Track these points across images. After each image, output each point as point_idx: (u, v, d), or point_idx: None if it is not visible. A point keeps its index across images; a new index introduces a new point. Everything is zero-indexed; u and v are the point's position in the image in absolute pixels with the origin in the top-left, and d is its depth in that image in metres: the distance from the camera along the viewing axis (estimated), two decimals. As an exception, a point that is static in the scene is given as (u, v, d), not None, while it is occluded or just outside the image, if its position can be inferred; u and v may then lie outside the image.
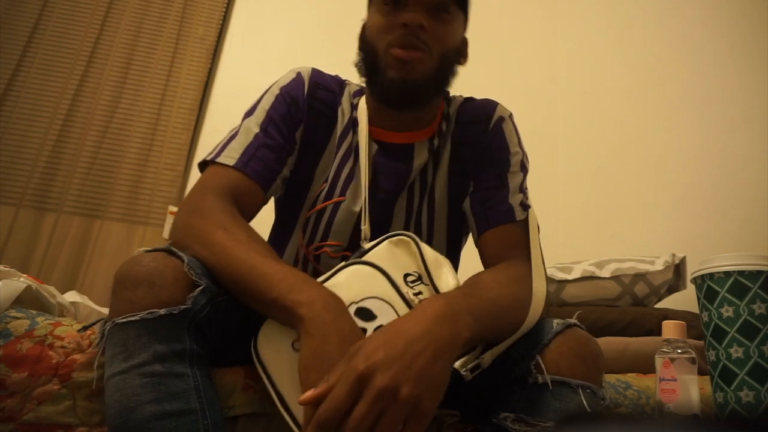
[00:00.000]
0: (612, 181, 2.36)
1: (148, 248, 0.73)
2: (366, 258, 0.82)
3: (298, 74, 1.00)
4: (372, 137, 0.98)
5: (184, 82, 2.51)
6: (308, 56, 2.65)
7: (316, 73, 1.01)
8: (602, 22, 2.65)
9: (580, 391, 0.72)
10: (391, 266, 0.81)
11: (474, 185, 0.98)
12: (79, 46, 2.46)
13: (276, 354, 0.72)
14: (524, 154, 1.01)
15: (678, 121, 2.10)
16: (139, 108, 2.44)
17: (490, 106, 1.03)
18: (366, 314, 0.74)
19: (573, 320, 0.79)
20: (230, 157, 0.89)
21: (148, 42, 2.54)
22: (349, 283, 0.77)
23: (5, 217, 2.18)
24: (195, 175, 2.43)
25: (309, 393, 0.61)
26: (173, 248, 0.73)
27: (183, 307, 0.68)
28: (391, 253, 0.84)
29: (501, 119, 1.00)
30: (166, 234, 2.29)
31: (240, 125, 0.94)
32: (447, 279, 0.84)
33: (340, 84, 1.04)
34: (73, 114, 2.37)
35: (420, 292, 0.80)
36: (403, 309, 0.76)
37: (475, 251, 0.99)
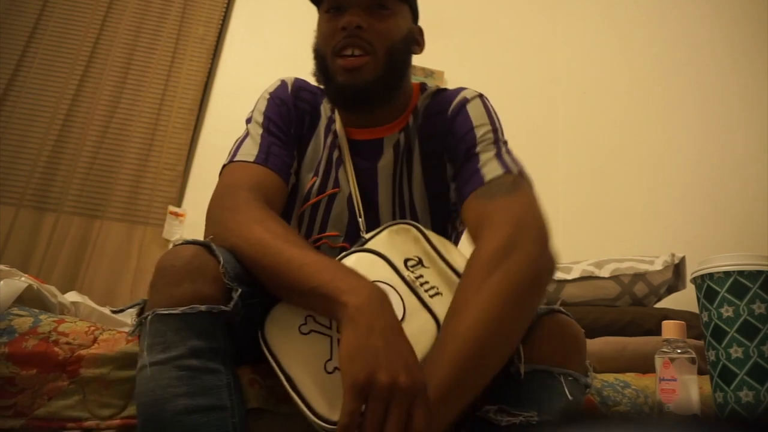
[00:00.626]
0: (612, 181, 2.36)
1: (188, 239, 0.75)
2: (369, 245, 0.85)
3: (282, 81, 1.05)
4: (346, 135, 1.01)
5: (184, 82, 2.51)
6: (308, 56, 2.65)
7: (298, 80, 1.06)
8: (602, 23, 2.66)
9: (562, 379, 0.72)
10: (392, 252, 0.83)
11: (453, 172, 0.95)
12: (79, 46, 2.46)
13: (284, 337, 0.73)
14: (496, 127, 0.94)
15: (678, 121, 2.10)
16: (139, 108, 2.44)
17: (455, 93, 1.01)
18: None
19: (556, 306, 0.79)
20: (249, 155, 0.92)
21: (148, 42, 2.54)
22: (355, 269, 0.78)
23: (5, 217, 2.18)
24: (195, 175, 2.44)
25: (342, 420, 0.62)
26: (212, 244, 0.74)
27: (223, 308, 0.70)
28: (391, 240, 0.86)
29: (464, 100, 0.97)
30: (165, 234, 2.30)
31: (245, 131, 0.98)
32: (458, 258, 0.84)
33: (321, 89, 1.07)
34: (73, 114, 2.37)
35: (421, 275, 0.82)
36: (405, 291, 0.78)
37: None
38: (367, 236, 0.89)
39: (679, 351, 0.93)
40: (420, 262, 0.84)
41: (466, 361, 0.66)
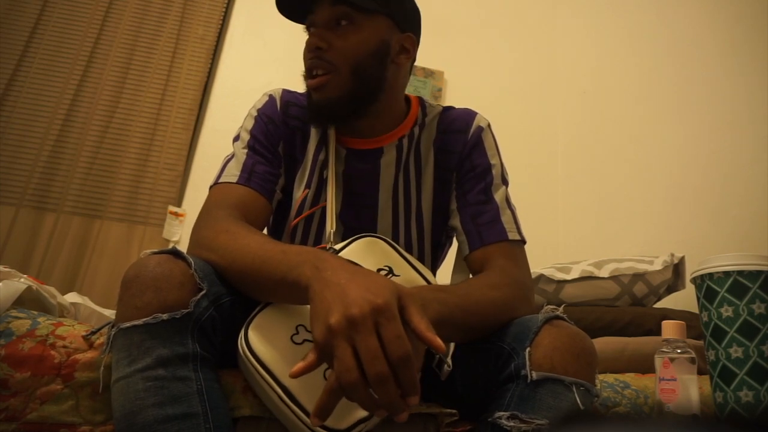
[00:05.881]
0: (612, 181, 2.36)
1: (155, 250, 0.74)
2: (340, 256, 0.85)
3: (271, 96, 1.05)
4: (344, 145, 1.02)
5: (184, 82, 2.51)
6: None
7: (286, 93, 1.06)
8: (602, 23, 2.66)
9: (574, 389, 0.72)
10: (365, 263, 0.82)
11: (460, 199, 1.01)
12: (79, 46, 2.46)
13: (274, 348, 0.72)
14: (502, 165, 1.04)
15: (678, 121, 2.10)
16: (139, 108, 2.44)
17: (469, 114, 1.06)
18: None
19: (558, 312, 0.79)
20: (232, 176, 0.94)
21: (148, 42, 2.54)
22: None
23: (5, 217, 2.18)
24: (195, 175, 2.44)
25: (299, 365, 0.62)
26: (179, 250, 0.74)
27: (185, 311, 0.69)
28: (361, 252, 0.88)
29: (480, 128, 1.03)
30: (165, 234, 2.30)
31: (232, 151, 1.00)
32: (425, 268, 0.90)
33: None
34: (73, 114, 2.37)
35: None
36: None
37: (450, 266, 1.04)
38: (336, 248, 0.89)
39: (678, 351, 0.93)
40: (390, 271, 0.86)
41: (457, 305, 0.76)
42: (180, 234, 2.30)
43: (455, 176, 1.02)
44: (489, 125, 1.05)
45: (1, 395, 0.76)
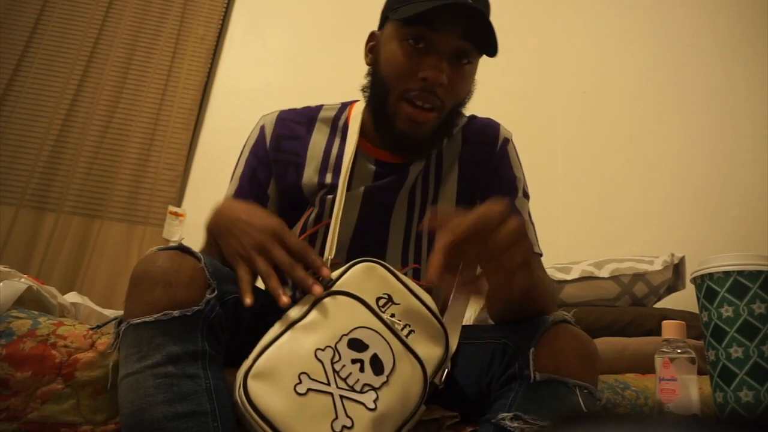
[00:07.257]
0: (612, 181, 2.36)
1: (162, 246, 0.75)
2: (337, 287, 0.79)
3: (262, 129, 1.03)
4: (370, 154, 1.00)
5: (184, 82, 2.51)
6: (308, 56, 2.65)
7: (279, 124, 1.03)
8: (602, 23, 2.66)
9: (578, 391, 0.72)
10: (364, 293, 0.79)
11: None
12: (79, 46, 2.46)
13: (277, 399, 0.67)
14: (525, 179, 1.04)
15: (678, 121, 2.10)
16: (139, 108, 2.44)
17: (493, 126, 1.05)
18: (358, 345, 0.73)
19: (567, 315, 0.79)
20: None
21: (148, 42, 2.54)
22: (334, 315, 0.75)
23: (5, 217, 2.18)
24: (195, 175, 2.44)
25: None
26: (187, 246, 0.75)
27: (196, 308, 0.69)
28: (359, 279, 0.82)
29: (506, 141, 1.04)
30: (165, 234, 2.30)
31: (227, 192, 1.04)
32: (425, 294, 0.85)
33: (309, 120, 1.04)
34: (73, 114, 2.37)
35: (393, 314, 0.79)
36: (387, 334, 0.74)
37: None
38: (333, 276, 0.82)
39: (679, 351, 0.93)
40: (390, 299, 0.81)
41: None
42: (180, 234, 2.30)
43: (481, 189, 1.00)
44: (512, 137, 1.05)
45: (2, 395, 0.76)
